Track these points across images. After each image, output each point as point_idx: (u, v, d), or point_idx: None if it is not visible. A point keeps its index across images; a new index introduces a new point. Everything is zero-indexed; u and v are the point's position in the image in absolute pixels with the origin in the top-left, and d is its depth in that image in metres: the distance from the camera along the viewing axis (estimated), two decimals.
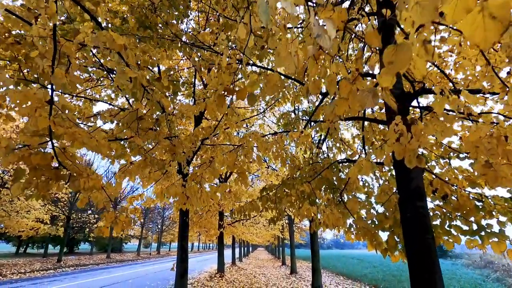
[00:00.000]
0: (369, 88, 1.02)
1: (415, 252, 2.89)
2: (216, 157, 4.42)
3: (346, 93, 1.07)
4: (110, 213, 2.95)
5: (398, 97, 3.38)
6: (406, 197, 3.07)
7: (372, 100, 0.99)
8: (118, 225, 2.87)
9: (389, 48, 0.99)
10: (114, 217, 2.93)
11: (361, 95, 1.02)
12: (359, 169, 2.44)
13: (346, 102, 1.10)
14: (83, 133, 2.52)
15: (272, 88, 1.59)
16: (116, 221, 2.93)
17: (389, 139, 2.33)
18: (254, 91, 1.65)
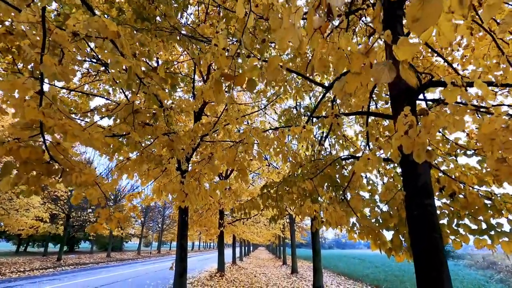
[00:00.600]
0: (384, 61, 0.89)
1: (422, 251, 2.76)
2: (215, 153, 4.30)
3: (359, 67, 0.94)
4: (105, 210, 2.83)
5: (404, 90, 3.25)
6: (413, 194, 2.94)
7: (388, 74, 0.87)
8: (113, 222, 2.75)
9: (414, 3, 0.84)
10: (108, 214, 2.80)
11: (376, 69, 0.89)
12: (365, 163, 2.31)
13: (358, 77, 0.98)
14: (74, 125, 2.39)
15: (273, 72, 1.47)
16: (111, 217, 2.81)
17: (397, 131, 2.20)
18: (253, 76, 1.53)
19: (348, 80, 1.01)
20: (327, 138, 5.30)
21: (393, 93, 3.30)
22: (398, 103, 3.27)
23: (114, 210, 2.90)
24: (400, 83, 3.30)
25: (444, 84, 3.18)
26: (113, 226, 2.71)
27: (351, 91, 1.02)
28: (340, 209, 3.59)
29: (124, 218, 2.89)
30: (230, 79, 1.54)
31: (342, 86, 1.04)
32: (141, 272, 17.64)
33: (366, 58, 0.94)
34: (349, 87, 1.02)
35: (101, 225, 2.68)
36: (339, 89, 1.05)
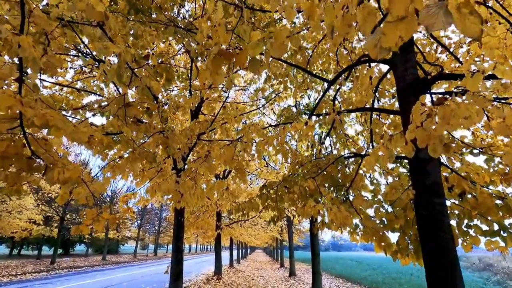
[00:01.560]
0: (438, 2, 0.70)
1: (430, 252, 2.59)
2: (212, 151, 4.09)
3: (403, 10, 0.75)
4: (92, 210, 2.61)
5: (412, 85, 3.07)
6: (422, 193, 2.76)
7: (443, 19, 0.68)
8: (100, 223, 2.53)
9: None
10: (96, 214, 2.59)
11: (427, 13, 0.70)
12: (377, 158, 2.11)
13: (400, 26, 0.78)
14: (56, 116, 2.18)
15: (279, 47, 1.27)
16: (98, 218, 2.59)
17: (412, 123, 2.02)
18: (257, 54, 1.33)
19: (386, 31, 0.82)
20: (327, 136, 5.11)
21: (400, 86, 3.12)
22: (405, 96, 3.09)
23: (102, 211, 2.68)
24: (407, 75, 3.13)
25: (455, 77, 3.01)
26: (100, 228, 2.49)
27: (388, 45, 0.82)
28: (344, 210, 3.40)
29: (113, 219, 2.67)
30: (230, 58, 1.34)
31: (377, 40, 0.84)
32: (136, 275, 17.32)
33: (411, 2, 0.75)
34: (387, 40, 0.83)
35: (86, 226, 2.46)
36: (373, 44, 0.86)
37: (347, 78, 4.37)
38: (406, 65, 3.09)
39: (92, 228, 2.52)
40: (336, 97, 5.17)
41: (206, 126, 5.34)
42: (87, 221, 2.48)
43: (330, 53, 5.23)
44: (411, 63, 3.13)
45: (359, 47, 5.95)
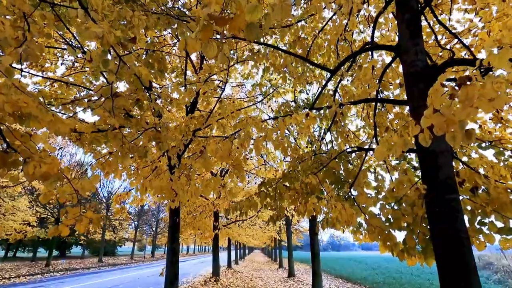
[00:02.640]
0: None
1: (445, 254, 2.38)
2: (207, 146, 3.87)
3: None
4: (74, 209, 2.37)
5: (422, 71, 2.86)
6: (434, 189, 2.55)
7: None
8: (83, 223, 2.29)
9: None
10: (78, 213, 2.35)
11: None
12: (389, 147, 1.89)
13: None
14: (31, 103, 1.94)
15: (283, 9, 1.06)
16: (81, 217, 2.35)
17: (429, 107, 1.80)
18: (255, 19, 1.11)
19: None
20: (328, 131, 4.89)
21: (409, 72, 2.91)
22: (415, 83, 2.89)
23: (86, 209, 2.45)
24: (416, 60, 2.92)
25: (469, 62, 2.80)
26: (82, 228, 2.25)
27: None
28: (349, 207, 3.19)
29: (97, 219, 2.44)
30: (223, 24, 1.12)
31: None
32: (133, 277, 17.05)
33: None
34: None
35: (66, 226, 2.22)
36: None
37: (349, 68, 4.16)
38: (416, 49, 2.89)
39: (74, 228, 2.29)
40: (337, 90, 4.96)
41: (202, 122, 5.11)
42: (68, 221, 2.25)
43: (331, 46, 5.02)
44: (420, 47, 2.92)
45: (359, 39, 5.75)
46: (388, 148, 1.89)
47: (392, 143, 1.88)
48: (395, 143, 1.86)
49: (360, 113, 5.96)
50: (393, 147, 1.88)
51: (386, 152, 1.91)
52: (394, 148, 1.88)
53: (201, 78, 5.62)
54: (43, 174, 2.17)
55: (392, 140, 1.88)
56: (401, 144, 1.88)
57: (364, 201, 3.62)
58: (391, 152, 1.90)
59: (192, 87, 5.76)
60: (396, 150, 1.90)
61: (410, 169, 3.53)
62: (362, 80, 4.11)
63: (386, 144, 1.91)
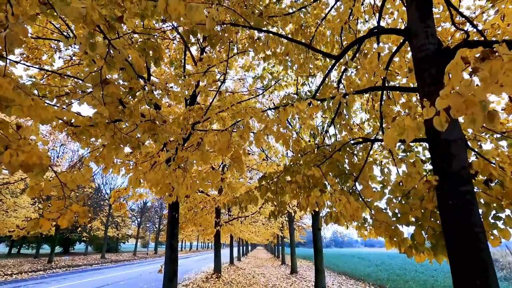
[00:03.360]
0: None
1: (459, 250, 2.19)
2: (205, 137, 3.69)
3: None
4: (58, 201, 2.20)
5: (434, 55, 2.67)
6: (446, 180, 2.36)
7: None
8: (66, 216, 2.13)
9: None
10: (62, 206, 2.18)
11: None
12: (401, 132, 1.70)
13: None
14: (5, 84, 1.77)
15: None
16: (65, 211, 2.19)
17: (446, 85, 1.61)
18: None
19: None
20: (332, 124, 4.70)
21: (420, 56, 2.71)
22: (425, 69, 2.69)
23: (71, 202, 2.28)
24: (428, 43, 2.72)
25: (485, 44, 2.59)
26: (65, 223, 2.09)
27: None
28: (354, 201, 3.00)
29: (84, 212, 2.27)
30: None
31: None
32: (135, 274, 17.00)
33: None
34: None
35: (47, 220, 2.06)
36: None
37: (354, 56, 3.96)
38: (427, 32, 2.68)
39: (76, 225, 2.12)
40: (341, 80, 4.76)
41: (201, 115, 4.93)
42: (50, 214, 2.08)
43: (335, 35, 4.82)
44: (431, 30, 2.72)
45: (364, 29, 5.53)
46: (399, 132, 1.70)
47: (404, 127, 1.69)
48: (407, 127, 1.67)
49: (364, 106, 5.76)
50: (405, 131, 1.69)
51: (397, 137, 1.72)
52: (406, 132, 1.70)
53: (201, 69, 5.44)
54: (23, 164, 2.00)
55: (404, 124, 1.69)
56: (414, 128, 1.69)
57: (370, 195, 3.44)
58: (402, 137, 1.71)
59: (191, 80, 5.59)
60: (409, 135, 1.71)
61: (419, 160, 3.34)
62: (367, 69, 3.91)
63: (397, 128, 1.72)
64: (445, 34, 4.09)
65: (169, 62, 6.05)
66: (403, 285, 12.75)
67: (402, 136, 1.71)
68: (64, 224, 2.09)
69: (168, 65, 6.90)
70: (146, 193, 6.23)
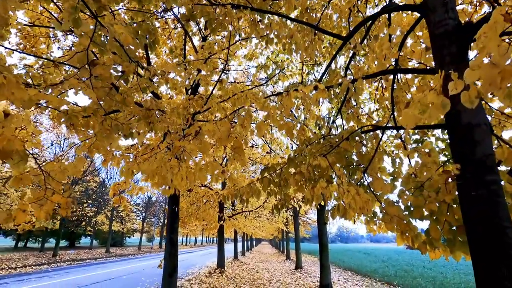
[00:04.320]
0: None
1: (484, 247, 1.95)
2: (204, 126, 3.47)
3: None
4: (37, 192, 2.00)
5: (454, 30, 2.40)
6: (468, 169, 2.11)
7: None
8: (45, 207, 1.92)
9: None
10: (42, 196, 1.97)
11: None
12: (424, 109, 1.45)
13: None
14: None
15: None
16: (45, 201, 1.98)
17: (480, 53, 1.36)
18: None
19: None
20: (339, 113, 4.44)
21: (439, 32, 2.44)
22: (444, 46, 2.42)
23: (53, 192, 2.07)
24: (447, 18, 2.45)
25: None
26: (42, 215, 1.88)
27: None
28: (363, 193, 2.76)
29: (67, 203, 2.06)
30: None
31: None
32: (138, 268, 16.96)
33: None
34: None
35: (22, 211, 1.85)
36: None
37: (363, 39, 3.68)
38: (446, 5, 2.42)
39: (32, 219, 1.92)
40: (348, 67, 4.49)
41: (201, 104, 4.70)
42: (25, 205, 1.87)
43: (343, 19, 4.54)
44: (451, 4, 2.45)
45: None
46: (421, 110, 1.45)
47: (427, 104, 1.44)
48: (431, 104, 1.42)
49: (373, 96, 5.49)
50: (427, 109, 1.44)
51: (419, 116, 1.47)
52: (429, 111, 1.44)
53: (201, 57, 5.20)
54: (1, 151, 1.80)
55: (426, 100, 1.43)
56: (439, 105, 1.43)
57: (380, 188, 3.19)
58: (424, 116, 1.46)
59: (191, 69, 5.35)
60: (431, 113, 1.46)
61: (435, 149, 3.08)
62: (377, 53, 3.64)
63: (418, 105, 1.47)
64: (462, 16, 3.80)
65: (169, 51, 5.82)
66: (411, 281, 12.49)
67: (424, 115, 1.46)
68: (42, 216, 1.88)
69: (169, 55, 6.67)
70: (147, 186, 6.03)
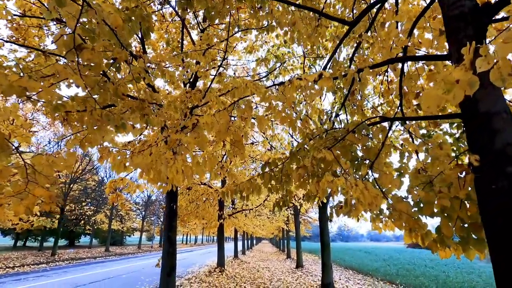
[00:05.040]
0: None
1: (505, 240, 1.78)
2: (202, 117, 3.28)
3: None
4: (17, 186, 1.81)
5: (471, 12, 2.22)
6: (487, 160, 1.94)
7: None
8: (24, 201, 1.74)
9: None
10: (22, 189, 1.79)
11: None
12: (448, 89, 1.27)
13: None
14: None
15: None
16: (26, 195, 1.80)
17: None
18: None
19: None
20: (343, 106, 4.26)
21: (454, 14, 2.26)
22: (460, 29, 2.24)
23: (36, 186, 1.89)
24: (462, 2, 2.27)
25: None
26: (21, 209, 1.70)
27: None
28: (372, 187, 2.59)
29: (50, 197, 1.88)
30: None
31: None
32: (138, 267, 16.81)
33: None
34: None
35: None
36: None
37: (370, 27, 3.50)
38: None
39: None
40: (353, 58, 4.31)
41: (199, 98, 4.52)
42: (2, 199, 1.69)
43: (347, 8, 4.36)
44: None
45: None
46: (445, 90, 1.27)
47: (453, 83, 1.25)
48: (458, 81, 1.24)
49: (378, 89, 5.31)
50: (453, 88, 1.26)
51: (443, 96, 1.28)
52: (454, 89, 1.26)
53: (199, 48, 5.03)
54: None
55: (452, 78, 1.25)
56: (466, 84, 1.25)
57: (389, 183, 3.01)
58: (449, 96, 1.28)
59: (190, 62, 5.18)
60: (456, 93, 1.28)
61: (447, 142, 2.90)
62: (384, 43, 3.45)
63: (441, 84, 1.28)
64: None
65: (166, 43, 5.64)
66: (413, 280, 12.32)
67: (449, 96, 1.28)
68: (21, 211, 1.71)
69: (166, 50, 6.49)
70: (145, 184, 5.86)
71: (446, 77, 1.27)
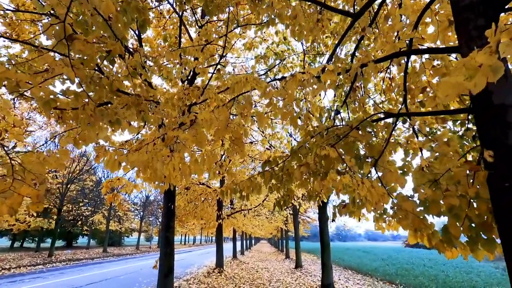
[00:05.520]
0: None
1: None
2: (200, 114, 3.17)
3: None
4: (1, 184, 1.69)
5: (480, 3, 2.12)
6: (500, 153, 1.85)
7: None
8: (8, 200, 1.62)
9: None
10: (6, 188, 1.67)
11: None
12: (469, 75, 1.16)
13: None
14: None
15: None
16: (11, 194, 1.68)
17: None
18: None
19: None
20: (345, 103, 4.16)
21: (463, 4, 2.16)
22: (469, 20, 2.13)
23: (22, 184, 1.77)
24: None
25: None
26: (5, 209, 1.58)
27: None
28: (378, 185, 2.49)
29: (38, 196, 1.77)
30: None
31: None
32: (136, 268, 16.66)
33: None
34: None
35: None
36: None
37: (373, 20, 3.39)
38: None
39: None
40: (355, 53, 4.21)
41: (198, 95, 4.40)
42: None
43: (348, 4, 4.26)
44: None
45: None
46: (468, 76, 1.16)
47: (475, 68, 1.14)
48: (481, 65, 1.13)
49: (380, 87, 5.21)
50: (476, 73, 1.15)
51: (464, 83, 1.17)
52: (477, 76, 1.15)
53: (197, 44, 4.91)
54: None
55: (475, 63, 1.14)
56: (488, 69, 1.14)
57: (393, 181, 2.91)
58: (471, 83, 1.17)
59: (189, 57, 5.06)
60: (479, 80, 1.17)
61: (454, 138, 2.79)
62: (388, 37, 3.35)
63: (462, 70, 1.18)
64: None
65: (163, 39, 5.52)
66: (413, 280, 12.24)
67: (471, 82, 1.17)
68: (4, 211, 1.58)
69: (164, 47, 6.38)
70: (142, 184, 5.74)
71: (468, 62, 1.17)
